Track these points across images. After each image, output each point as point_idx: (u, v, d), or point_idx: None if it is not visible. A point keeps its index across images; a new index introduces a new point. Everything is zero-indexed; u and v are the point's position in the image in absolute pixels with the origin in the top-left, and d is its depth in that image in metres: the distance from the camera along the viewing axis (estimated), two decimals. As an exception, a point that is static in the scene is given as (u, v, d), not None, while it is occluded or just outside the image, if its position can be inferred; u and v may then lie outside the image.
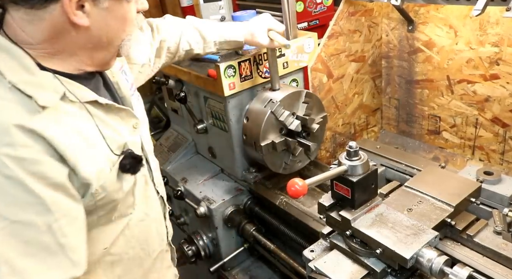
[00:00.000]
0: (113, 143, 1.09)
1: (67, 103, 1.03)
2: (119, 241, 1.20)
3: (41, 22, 0.96)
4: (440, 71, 2.06)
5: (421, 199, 1.47)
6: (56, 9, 0.95)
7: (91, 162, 1.03)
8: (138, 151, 1.19)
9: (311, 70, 2.03)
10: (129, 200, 1.19)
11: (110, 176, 1.08)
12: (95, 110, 1.08)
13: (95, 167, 1.04)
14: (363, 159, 1.28)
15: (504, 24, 1.75)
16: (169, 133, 2.50)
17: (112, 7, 1.02)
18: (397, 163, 1.99)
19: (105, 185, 1.07)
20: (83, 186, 1.03)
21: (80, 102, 1.04)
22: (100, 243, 1.16)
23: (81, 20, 0.98)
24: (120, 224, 1.19)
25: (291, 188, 1.16)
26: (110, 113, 1.12)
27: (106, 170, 1.07)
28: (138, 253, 1.28)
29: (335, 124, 2.27)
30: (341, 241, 1.38)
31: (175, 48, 1.65)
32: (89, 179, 1.03)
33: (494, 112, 1.93)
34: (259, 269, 2.18)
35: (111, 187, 1.09)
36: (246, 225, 2.04)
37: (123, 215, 1.19)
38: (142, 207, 1.26)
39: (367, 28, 2.18)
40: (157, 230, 1.37)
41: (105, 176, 1.06)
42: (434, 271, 1.17)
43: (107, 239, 1.17)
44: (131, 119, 1.19)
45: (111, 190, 1.09)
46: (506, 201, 1.60)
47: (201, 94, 2.02)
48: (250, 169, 2.02)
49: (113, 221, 1.17)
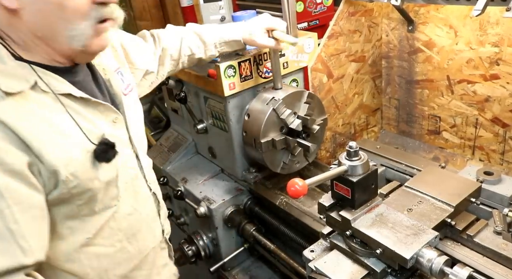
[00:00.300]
0: (90, 134, 1.13)
1: (40, 93, 1.06)
2: (104, 233, 1.23)
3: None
4: (440, 71, 2.07)
5: (421, 199, 1.47)
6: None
7: (58, 149, 1.06)
8: (121, 146, 1.23)
9: (311, 70, 2.03)
10: (111, 192, 1.22)
11: (83, 164, 1.11)
12: (69, 102, 1.11)
13: (63, 155, 1.06)
14: (363, 159, 1.28)
15: (504, 24, 1.75)
16: (169, 133, 2.50)
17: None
18: (397, 163, 1.99)
19: (76, 173, 1.09)
20: (53, 174, 1.06)
21: (54, 93, 1.08)
22: (83, 232, 1.19)
23: (8, 2, 0.98)
24: (105, 215, 1.22)
25: (291, 188, 1.16)
26: (87, 106, 1.16)
27: (78, 158, 1.10)
28: (126, 247, 1.30)
29: (335, 124, 2.27)
30: (341, 241, 1.38)
31: (177, 54, 1.68)
32: (56, 166, 1.05)
33: (494, 112, 1.94)
34: (259, 269, 2.18)
35: (84, 175, 1.11)
36: (246, 225, 2.04)
37: (107, 206, 1.22)
38: (130, 201, 1.29)
39: (367, 28, 2.18)
40: (149, 227, 1.39)
41: (76, 163, 1.09)
42: (434, 271, 1.17)
43: (90, 229, 1.20)
44: (110, 114, 1.22)
45: (84, 178, 1.11)
46: (506, 201, 1.60)
47: (201, 94, 2.02)
48: (250, 169, 2.02)
49: (97, 213, 1.20)
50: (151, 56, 1.63)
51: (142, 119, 1.48)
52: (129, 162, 1.30)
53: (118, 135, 1.24)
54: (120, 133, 1.26)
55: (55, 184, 1.08)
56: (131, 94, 1.41)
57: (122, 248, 1.30)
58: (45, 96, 1.08)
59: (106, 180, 1.18)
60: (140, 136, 1.39)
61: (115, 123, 1.24)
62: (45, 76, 1.08)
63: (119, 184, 1.23)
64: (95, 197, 1.17)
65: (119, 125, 1.26)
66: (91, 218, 1.20)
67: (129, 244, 1.31)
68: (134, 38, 1.61)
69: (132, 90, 1.43)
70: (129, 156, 1.30)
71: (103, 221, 1.22)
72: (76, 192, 1.12)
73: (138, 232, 1.34)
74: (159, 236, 1.46)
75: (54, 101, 1.09)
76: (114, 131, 1.23)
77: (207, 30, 1.72)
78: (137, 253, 1.35)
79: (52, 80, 1.09)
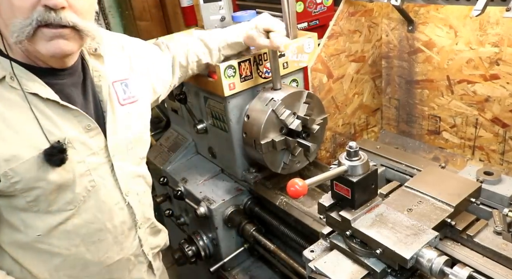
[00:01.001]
0: (50, 135, 1.15)
1: (6, 88, 1.11)
2: (57, 234, 1.25)
3: None
4: (440, 71, 2.07)
5: (421, 199, 1.47)
6: None
7: (1, 144, 1.10)
8: (89, 153, 1.24)
9: (311, 70, 2.03)
10: (66, 196, 1.22)
11: (29, 163, 1.13)
12: (37, 102, 1.15)
13: (6, 150, 1.10)
14: (363, 159, 1.28)
15: (504, 24, 1.75)
16: (169, 133, 2.50)
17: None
18: (397, 163, 1.99)
19: (18, 170, 1.12)
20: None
21: (22, 91, 1.11)
22: (35, 228, 1.22)
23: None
24: (59, 217, 1.24)
25: (291, 188, 1.16)
26: (56, 108, 1.18)
27: (22, 156, 1.12)
28: (82, 253, 1.30)
29: (335, 124, 2.27)
30: (341, 241, 1.38)
31: (185, 61, 1.72)
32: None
33: (494, 112, 1.94)
34: (259, 269, 2.18)
35: (27, 173, 1.14)
36: (246, 225, 2.03)
37: (61, 209, 1.23)
38: (91, 210, 1.28)
39: (367, 28, 2.18)
40: (116, 239, 1.36)
41: (20, 160, 1.12)
42: (434, 271, 1.17)
43: (42, 227, 1.23)
44: (83, 120, 1.23)
45: (28, 177, 1.14)
46: (506, 201, 1.60)
47: (201, 94, 2.02)
48: (250, 169, 2.02)
49: (51, 212, 1.22)
50: (170, 66, 1.68)
51: (144, 130, 1.46)
52: (97, 170, 1.27)
53: (89, 143, 1.24)
54: (92, 140, 1.25)
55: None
56: (132, 105, 1.40)
57: (77, 253, 1.30)
58: (12, 92, 1.12)
59: (57, 183, 1.19)
60: (128, 147, 1.37)
61: (88, 130, 1.24)
62: (19, 73, 1.12)
63: (77, 191, 1.23)
64: (45, 197, 1.19)
65: (92, 133, 1.25)
66: (44, 216, 1.22)
67: (87, 251, 1.31)
68: (154, 48, 1.66)
69: (136, 101, 1.42)
70: (98, 164, 1.27)
71: (56, 223, 1.24)
72: (20, 188, 1.15)
73: (99, 242, 1.32)
74: (131, 249, 1.42)
75: (21, 99, 1.12)
76: (84, 138, 1.23)
77: (211, 36, 1.75)
78: (97, 262, 1.34)
79: (25, 79, 1.13)
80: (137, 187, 1.43)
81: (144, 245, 1.47)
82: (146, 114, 1.50)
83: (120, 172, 1.34)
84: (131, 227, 1.41)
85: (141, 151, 1.45)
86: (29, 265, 1.26)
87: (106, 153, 1.29)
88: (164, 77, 1.65)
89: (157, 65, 1.61)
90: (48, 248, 1.26)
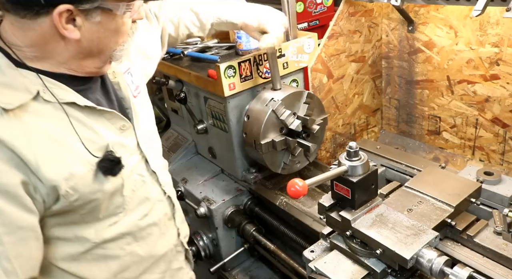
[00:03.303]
0: (91, 145, 1.09)
1: (41, 103, 1.03)
2: (111, 237, 1.21)
3: (30, 30, 0.98)
4: (440, 71, 2.06)
5: (421, 200, 1.47)
6: (46, 21, 0.96)
7: (58, 164, 1.03)
8: (128, 153, 1.20)
9: (311, 71, 2.03)
10: (116, 201, 1.19)
11: (84, 178, 1.08)
12: (73, 111, 1.08)
13: (62, 169, 1.04)
14: (363, 160, 1.28)
15: (504, 24, 1.75)
16: (169, 133, 2.50)
17: (104, 21, 1.02)
18: (397, 164, 1.99)
19: (76, 187, 1.07)
20: (53, 190, 1.03)
21: (58, 103, 1.04)
22: (87, 238, 1.18)
23: (72, 34, 0.99)
24: (109, 221, 1.20)
25: (291, 189, 1.16)
26: (92, 115, 1.12)
27: (79, 172, 1.07)
28: (135, 250, 1.28)
29: (335, 124, 2.27)
30: (341, 242, 1.38)
31: (175, 33, 1.66)
32: (56, 181, 1.03)
33: (494, 113, 1.93)
34: (259, 269, 2.18)
35: (85, 188, 1.09)
36: (246, 225, 2.03)
37: (111, 214, 1.20)
38: (138, 207, 1.26)
39: (367, 29, 2.18)
40: (161, 230, 1.35)
41: (77, 178, 1.06)
42: (434, 272, 1.17)
43: (95, 234, 1.18)
44: (117, 121, 1.18)
45: (86, 192, 1.09)
46: (506, 201, 1.60)
47: (201, 94, 2.02)
48: (250, 169, 2.02)
49: (101, 219, 1.18)
50: (159, 40, 1.61)
51: (154, 120, 1.44)
52: (137, 169, 1.25)
53: (126, 143, 1.20)
54: (128, 140, 1.22)
55: (55, 198, 1.06)
56: (140, 96, 1.37)
57: (131, 252, 1.27)
58: (47, 106, 1.04)
59: (110, 191, 1.16)
60: (151, 139, 1.35)
61: (123, 130, 1.20)
62: (49, 85, 1.04)
63: (124, 193, 1.20)
64: (98, 207, 1.16)
65: (127, 132, 1.21)
66: (97, 223, 1.18)
67: (139, 247, 1.29)
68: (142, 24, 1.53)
69: (141, 91, 1.39)
70: (136, 163, 1.25)
71: (108, 227, 1.20)
72: (78, 204, 1.10)
73: (148, 236, 1.31)
74: (174, 239, 1.43)
75: (56, 111, 1.05)
76: (121, 139, 1.19)
77: (204, 7, 1.68)
78: (148, 256, 1.32)
79: (56, 89, 1.06)
80: (168, 178, 1.43)
81: (181, 234, 1.47)
82: (150, 103, 1.47)
83: (154, 166, 1.32)
84: (170, 217, 1.41)
85: (158, 143, 1.43)
86: (87, 276, 1.22)
87: (139, 150, 1.26)
88: (154, 56, 1.57)
89: (147, 44, 1.53)
90: (104, 252, 1.22)
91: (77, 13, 0.97)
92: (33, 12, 0.94)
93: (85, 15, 0.98)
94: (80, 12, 0.97)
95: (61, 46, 1.03)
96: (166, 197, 1.38)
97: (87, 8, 0.97)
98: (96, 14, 0.99)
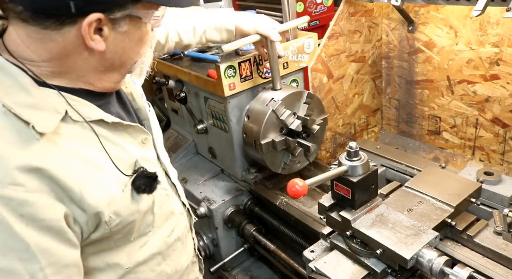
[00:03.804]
0: (122, 163, 1.02)
1: (69, 123, 0.94)
2: (142, 259, 1.14)
3: (52, 42, 0.89)
4: (440, 71, 2.06)
5: (421, 200, 1.47)
6: (71, 31, 0.87)
7: (99, 188, 0.96)
8: (152, 167, 1.12)
9: (311, 71, 2.03)
10: (148, 219, 1.13)
11: (123, 200, 1.01)
12: (101, 129, 0.99)
13: (104, 193, 0.97)
14: (363, 160, 1.28)
15: (504, 24, 1.75)
16: (169, 133, 2.50)
17: (130, 31, 0.95)
18: (397, 164, 1.99)
19: (118, 211, 1.00)
20: (95, 217, 0.96)
21: (85, 122, 0.96)
22: (120, 264, 1.10)
23: (98, 45, 0.90)
24: (140, 242, 1.13)
25: (291, 189, 1.16)
26: (117, 131, 1.04)
27: (118, 194, 0.99)
28: (165, 269, 1.22)
29: (335, 124, 2.27)
30: (341, 242, 1.38)
31: (164, 39, 1.63)
32: (100, 207, 0.95)
33: (494, 113, 1.93)
34: (259, 269, 2.18)
35: (125, 211, 1.02)
36: (246, 225, 2.04)
37: (142, 234, 1.13)
38: (165, 224, 1.20)
39: (367, 29, 2.18)
40: (183, 244, 1.30)
41: (117, 200, 0.99)
42: (434, 272, 1.17)
43: (127, 259, 1.11)
44: (139, 135, 1.11)
45: (126, 214, 1.02)
46: (506, 201, 1.60)
47: (201, 94, 2.02)
48: (250, 169, 2.02)
49: (132, 242, 1.11)
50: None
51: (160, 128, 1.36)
52: (162, 183, 1.16)
53: (148, 156, 1.13)
54: (149, 153, 1.14)
55: (95, 226, 0.98)
56: (146, 103, 1.29)
57: (161, 272, 1.20)
58: (75, 126, 0.95)
59: (144, 211, 1.09)
60: (163, 148, 1.28)
61: (144, 144, 1.12)
62: (73, 102, 0.95)
63: (155, 211, 1.13)
64: (132, 229, 1.08)
65: (148, 145, 1.13)
66: (127, 247, 1.10)
67: (167, 265, 1.23)
68: None
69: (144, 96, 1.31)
70: (160, 177, 1.16)
71: (139, 249, 1.13)
72: (117, 229, 1.02)
73: (173, 252, 1.24)
74: (191, 251, 1.37)
75: (84, 131, 0.96)
76: (144, 153, 1.11)
77: (197, 15, 1.66)
78: (174, 273, 1.26)
79: (81, 107, 0.96)
80: (182, 188, 1.36)
81: (195, 244, 1.42)
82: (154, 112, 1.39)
83: (173, 178, 1.26)
84: (189, 229, 1.36)
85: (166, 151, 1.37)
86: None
87: (159, 163, 1.20)
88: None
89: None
90: (136, 277, 1.14)
91: (106, 22, 0.89)
92: (58, 21, 0.85)
93: (113, 24, 0.91)
94: (108, 21, 0.89)
95: (82, 58, 0.94)
96: (186, 209, 1.33)
97: (117, 17, 0.89)
98: (124, 23, 0.92)
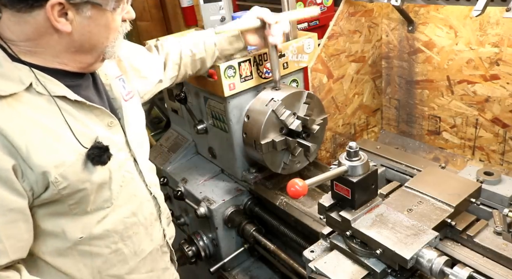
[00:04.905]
0: (82, 137, 1.15)
1: (34, 95, 1.09)
2: (97, 233, 1.25)
3: (26, 24, 1.05)
4: (440, 71, 2.07)
5: (421, 200, 1.47)
6: (40, 14, 1.03)
7: (48, 151, 1.09)
8: (117, 149, 1.25)
9: (311, 71, 2.03)
10: (104, 194, 1.24)
11: (74, 166, 1.13)
12: (65, 105, 1.14)
13: (53, 157, 1.09)
14: (363, 160, 1.28)
15: (504, 24, 1.75)
16: (169, 133, 2.50)
17: (95, 16, 1.09)
18: (397, 164, 1.99)
19: (66, 175, 1.12)
20: (42, 176, 1.08)
21: (50, 95, 1.11)
22: (75, 231, 1.22)
23: (64, 27, 1.06)
24: (97, 216, 1.24)
25: (291, 189, 1.16)
26: (82, 109, 1.18)
27: (69, 160, 1.12)
28: (121, 249, 1.32)
29: (335, 124, 2.27)
30: (341, 242, 1.38)
31: (178, 57, 1.71)
32: (45, 168, 1.08)
33: (494, 113, 1.94)
34: (259, 269, 2.18)
35: (74, 176, 1.13)
36: (246, 225, 2.03)
37: (99, 208, 1.24)
38: (126, 204, 1.31)
39: (367, 29, 2.18)
40: (147, 230, 1.39)
41: (66, 165, 1.11)
42: (434, 272, 1.17)
43: (82, 228, 1.23)
44: (105, 118, 1.24)
45: (74, 180, 1.14)
46: (506, 201, 1.60)
47: (201, 94, 2.03)
48: (250, 169, 2.02)
49: (89, 213, 1.22)
50: (160, 65, 1.68)
51: (144, 125, 1.50)
52: (125, 165, 1.30)
53: (114, 139, 1.26)
54: (116, 136, 1.27)
55: (44, 186, 1.10)
56: (132, 101, 1.43)
57: (116, 250, 1.31)
58: (40, 98, 1.10)
59: (98, 182, 1.20)
60: (140, 141, 1.41)
61: (110, 127, 1.25)
62: (42, 78, 1.10)
63: (112, 187, 1.25)
64: (87, 198, 1.20)
65: (115, 129, 1.27)
66: (84, 217, 1.22)
67: (125, 246, 1.33)
68: (138, 48, 1.67)
69: (133, 97, 1.46)
70: (125, 159, 1.30)
71: (95, 222, 1.24)
72: (66, 193, 1.14)
73: (134, 235, 1.35)
74: (159, 240, 1.46)
75: (49, 104, 1.11)
76: (109, 135, 1.24)
77: (205, 31, 1.76)
78: (133, 255, 1.36)
79: (48, 83, 1.12)
80: (155, 179, 1.48)
81: (167, 235, 1.52)
82: (142, 110, 1.53)
83: (142, 166, 1.37)
84: (157, 217, 1.45)
85: (147, 146, 1.49)
86: (72, 271, 1.26)
87: (128, 148, 1.32)
88: (148, 75, 1.63)
89: (142, 64, 1.61)
90: (89, 249, 1.26)
91: (69, 7, 1.04)
92: (28, 5, 1.01)
93: (76, 9, 1.05)
94: (71, 6, 1.04)
95: (54, 39, 1.09)
96: (152, 197, 1.42)
97: (77, 2, 1.04)
98: (86, 9, 1.06)
